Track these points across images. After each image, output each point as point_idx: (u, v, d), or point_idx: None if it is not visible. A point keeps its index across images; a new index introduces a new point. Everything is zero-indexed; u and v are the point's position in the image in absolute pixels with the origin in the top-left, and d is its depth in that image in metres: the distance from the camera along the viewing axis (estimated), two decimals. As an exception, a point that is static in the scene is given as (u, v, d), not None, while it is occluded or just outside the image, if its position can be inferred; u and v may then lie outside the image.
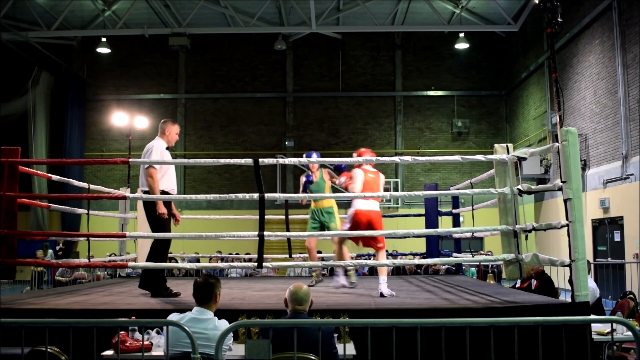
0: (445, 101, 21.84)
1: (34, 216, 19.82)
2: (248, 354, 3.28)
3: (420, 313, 4.72)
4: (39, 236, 12.23)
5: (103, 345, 3.88)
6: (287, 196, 6.25)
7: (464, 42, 20.11)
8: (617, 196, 13.14)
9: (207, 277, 3.99)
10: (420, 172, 21.55)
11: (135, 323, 4.08)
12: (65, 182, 7.62)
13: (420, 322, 3.33)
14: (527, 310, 4.76)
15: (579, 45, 15.21)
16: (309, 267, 8.59)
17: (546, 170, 16.89)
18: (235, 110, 21.93)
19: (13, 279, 6.29)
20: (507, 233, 5.79)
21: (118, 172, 21.03)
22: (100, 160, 6.86)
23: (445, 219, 9.66)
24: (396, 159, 5.80)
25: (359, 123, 21.85)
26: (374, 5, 18.76)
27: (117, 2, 19.10)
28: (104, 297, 5.92)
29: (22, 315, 4.83)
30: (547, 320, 3.72)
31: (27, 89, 20.37)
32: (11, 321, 3.55)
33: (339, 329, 4.04)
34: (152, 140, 6.20)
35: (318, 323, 3.65)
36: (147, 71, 22.08)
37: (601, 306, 7.17)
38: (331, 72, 22.02)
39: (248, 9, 18.89)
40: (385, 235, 5.87)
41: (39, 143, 20.36)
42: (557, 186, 5.01)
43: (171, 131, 6.23)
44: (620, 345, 5.68)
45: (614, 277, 11.76)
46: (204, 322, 3.78)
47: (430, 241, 9.50)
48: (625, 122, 12.82)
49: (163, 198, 5.87)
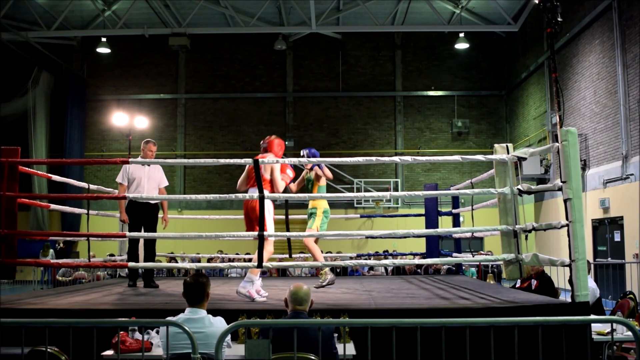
0: (445, 101, 21.84)
1: (34, 216, 19.81)
2: (248, 354, 3.28)
3: (420, 313, 4.72)
4: (39, 236, 12.24)
5: (103, 345, 3.88)
6: (287, 196, 6.25)
7: (464, 42, 20.11)
8: (617, 196, 13.14)
9: (198, 277, 3.96)
10: (420, 172, 21.56)
11: (135, 323, 4.08)
12: (65, 182, 7.63)
13: (420, 322, 3.33)
14: (527, 310, 4.76)
15: (579, 45, 15.21)
16: (309, 267, 8.59)
17: (546, 170, 16.89)
18: (235, 110, 21.93)
19: (13, 279, 6.30)
20: (507, 233, 5.79)
21: (118, 172, 20.86)
22: (100, 160, 6.89)
23: (445, 219, 9.65)
24: (396, 159, 5.80)
25: (359, 123, 21.86)
26: (374, 5, 18.77)
27: (117, 2, 19.10)
28: (104, 297, 5.92)
29: (22, 315, 4.83)
30: (547, 320, 3.72)
31: (27, 89, 20.36)
32: (11, 321, 3.55)
33: (339, 329, 4.04)
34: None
35: (318, 323, 3.65)
36: (147, 71, 22.08)
37: (601, 306, 7.16)
38: (331, 72, 22.03)
39: (248, 9, 18.89)
40: (385, 235, 5.86)
41: (39, 143, 20.36)
42: (557, 186, 5.01)
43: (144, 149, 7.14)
44: (620, 345, 5.68)
45: (614, 277, 11.76)
46: (199, 322, 3.77)
47: (430, 241, 9.49)
48: (625, 122, 12.82)
49: (161, 198, 5.92)
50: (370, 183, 20.93)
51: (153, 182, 7.15)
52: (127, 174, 7.05)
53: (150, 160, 6.24)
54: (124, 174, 7.08)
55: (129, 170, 7.06)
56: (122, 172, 7.11)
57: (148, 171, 7.12)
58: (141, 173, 7.07)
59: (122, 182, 7.06)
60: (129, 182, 7.04)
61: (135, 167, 7.03)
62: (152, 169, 7.18)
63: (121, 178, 7.08)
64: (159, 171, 7.30)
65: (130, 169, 7.06)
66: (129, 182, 7.04)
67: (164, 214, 7.36)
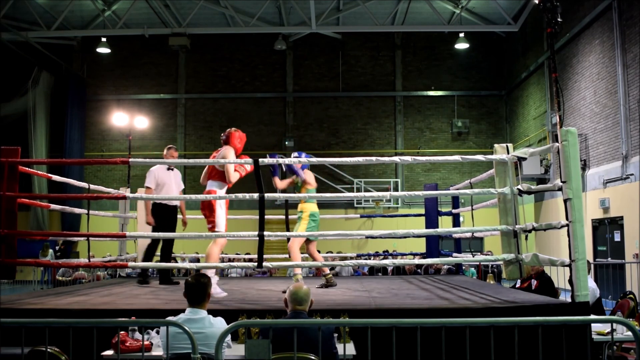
0: (445, 101, 21.84)
1: (34, 216, 19.81)
2: (248, 354, 3.28)
3: (420, 313, 4.72)
4: (39, 236, 12.22)
5: (103, 345, 3.88)
6: (287, 196, 6.27)
7: (464, 42, 20.11)
8: (617, 196, 13.14)
9: (199, 277, 3.96)
10: (420, 172, 21.56)
11: (135, 323, 4.08)
12: (65, 182, 7.64)
13: (420, 322, 3.33)
14: (527, 310, 4.76)
15: (579, 45, 15.21)
16: (309, 267, 8.60)
17: (546, 170, 16.89)
18: (235, 110, 21.92)
19: (13, 279, 6.30)
20: (507, 233, 5.79)
21: (118, 172, 21.03)
22: (100, 160, 6.89)
23: (445, 219, 9.65)
24: (396, 159, 5.79)
25: (359, 123, 21.86)
26: (374, 5, 18.77)
27: (117, 2, 19.10)
28: (104, 297, 5.92)
29: (22, 315, 4.83)
30: (547, 320, 3.72)
31: (27, 89, 20.37)
32: (11, 321, 3.55)
33: (339, 329, 4.04)
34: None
35: (318, 323, 3.65)
36: (147, 71, 22.08)
37: (601, 306, 7.16)
38: (331, 72, 22.03)
39: (248, 9, 18.89)
40: (385, 235, 5.86)
41: (39, 143, 20.36)
42: (557, 186, 5.01)
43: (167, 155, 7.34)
44: (620, 345, 5.68)
45: (614, 277, 11.76)
46: (199, 322, 3.77)
47: (430, 241, 9.49)
48: (625, 122, 12.82)
49: (159, 198, 5.98)
50: (370, 183, 20.93)
51: (178, 186, 7.52)
52: (156, 178, 7.35)
53: (150, 161, 6.28)
54: (152, 178, 7.36)
55: (157, 175, 7.37)
56: (150, 177, 7.37)
57: (174, 176, 7.51)
58: (168, 178, 7.41)
59: (150, 186, 7.33)
60: (158, 186, 7.34)
61: (162, 172, 7.39)
62: (176, 173, 7.58)
63: (150, 182, 7.34)
64: (179, 175, 7.70)
65: (159, 174, 7.37)
66: (157, 186, 7.34)
67: (183, 216, 7.69)
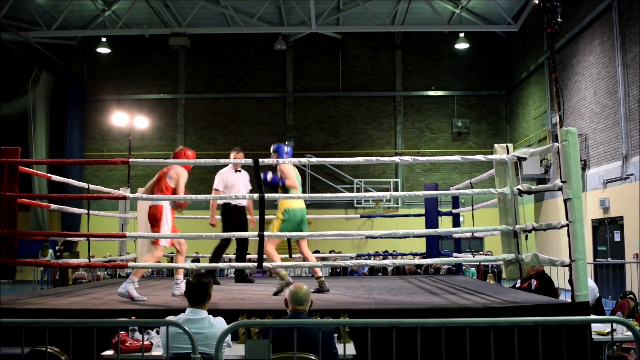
0: (445, 101, 21.84)
1: (34, 216, 19.82)
2: (248, 354, 3.28)
3: (420, 313, 4.72)
4: (39, 236, 12.23)
5: (103, 345, 3.88)
6: (287, 196, 6.25)
7: (464, 42, 20.11)
8: (617, 196, 13.14)
9: (201, 277, 3.96)
10: (420, 172, 21.56)
11: (135, 323, 4.08)
12: (65, 182, 7.64)
13: (420, 322, 3.33)
14: (527, 310, 4.76)
15: (579, 45, 15.21)
16: (308, 267, 8.58)
17: (546, 170, 16.89)
18: (235, 110, 21.92)
19: (13, 279, 6.30)
20: (507, 233, 5.79)
21: (118, 172, 21.02)
22: (100, 160, 6.89)
23: (445, 219, 9.65)
24: (396, 159, 5.80)
25: (359, 123, 21.85)
26: (374, 5, 18.76)
27: (117, 2, 19.09)
28: (104, 297, 5.92)
29: (22, 315, 4.83)
30: (547, 320, 3.72)
31: (27, 89, 20.37)
32: (11, 321, 3.56)
33: (339, 329, 4.04)
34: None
35: (318, 323, 3.65)
36: (147, 71, 22.07)
37: (601, 306, 7.17)
38: (331, 72, 22.02)
39: (248, 9, 18.89)
40: (385, 235, 5.86)
41: (39, 143, 20.36)
42: (557, 186, 5.02)
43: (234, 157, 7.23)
44: (620, 345, 5.68)
45: (614, 277, 11.76)
46: (199, 322, 3.78)
47: (430, 241, 9.49)
48: (625, 122, 12.82)
49: (161, 198, 5.92)
50: (370, 183, 20.93)
51: (245, 187, 7.53)
52: (225, 180, 7.42)
53: (150, 161, 6.20)
54: (220, 180, 7.42)
55: (225, 176, 7.44)
56: (219, 179, 7.43)
57: (242, 177, 7.56)
58: (236, 179, 7.48)
59: (218, 188, 7.38)
60: (226, 187, 7.38)
61: (230, 173, 7.47)
62: (243, 174, 7.61)
63: (218, 184, 7.40)
64: (247, 177, 7.65)
65: (227, 175, 7.45)
66: (226, 188, 7.37)
67: (251, 215, 7.69)
